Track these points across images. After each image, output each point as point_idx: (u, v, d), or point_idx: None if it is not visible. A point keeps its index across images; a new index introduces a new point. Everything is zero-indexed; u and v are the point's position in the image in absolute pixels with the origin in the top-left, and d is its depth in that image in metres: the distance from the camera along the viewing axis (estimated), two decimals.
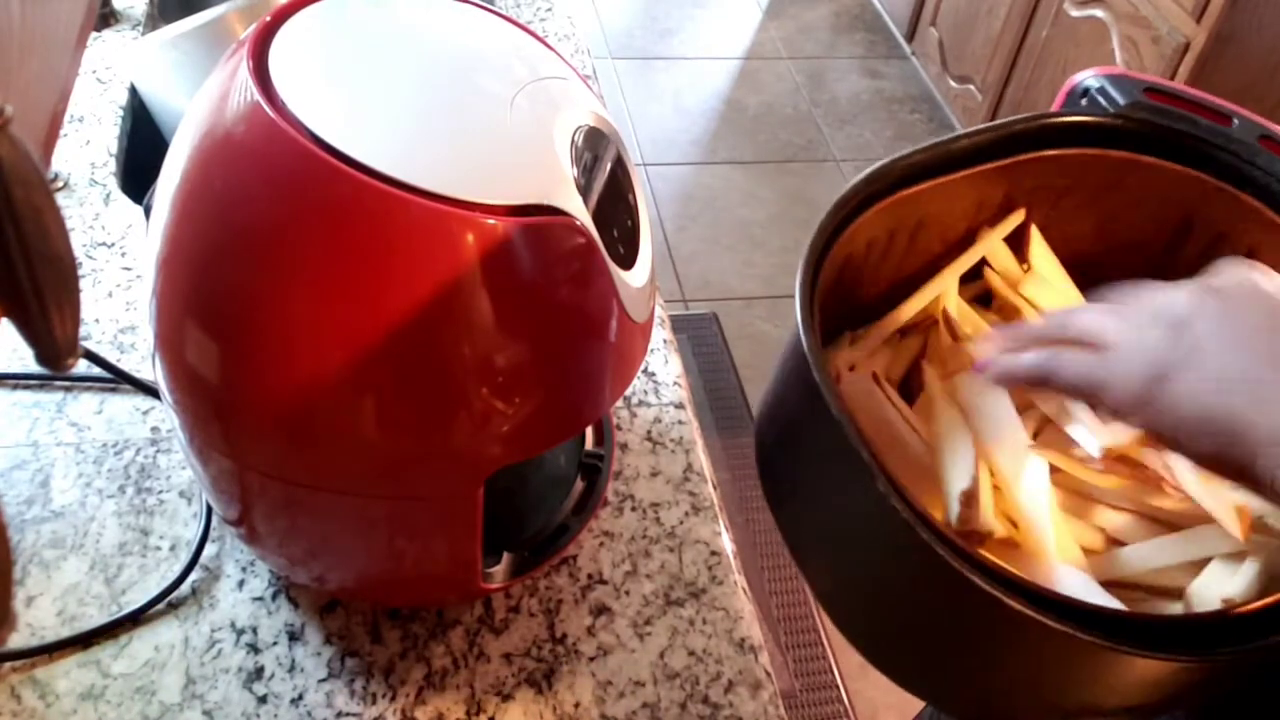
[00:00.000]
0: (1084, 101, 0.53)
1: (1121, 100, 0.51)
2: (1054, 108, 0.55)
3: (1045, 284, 0.55)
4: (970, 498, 0.46)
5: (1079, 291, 0.54)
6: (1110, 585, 0.45)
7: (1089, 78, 0.53)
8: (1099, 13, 2.11)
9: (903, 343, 0.58)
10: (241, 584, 0.67)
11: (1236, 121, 0.49)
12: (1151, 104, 0.50)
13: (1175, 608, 0.45)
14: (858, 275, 0.56)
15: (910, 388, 0.58)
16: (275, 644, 0.64)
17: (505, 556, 0.66)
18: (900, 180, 0.54)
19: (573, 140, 0.52)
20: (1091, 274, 0.53)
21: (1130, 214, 0.52)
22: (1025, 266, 0.56)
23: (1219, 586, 0.43)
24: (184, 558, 0.67)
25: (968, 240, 0.56)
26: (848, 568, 0.51)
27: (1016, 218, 0.55)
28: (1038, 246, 0.55)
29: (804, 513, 0.52)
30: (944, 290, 0.56)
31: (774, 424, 0.53)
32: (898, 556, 0.43)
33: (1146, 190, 0.51)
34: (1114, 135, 0.51)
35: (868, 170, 0.53)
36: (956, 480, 0.48)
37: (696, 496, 0.76)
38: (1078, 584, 0.44)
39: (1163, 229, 0.52)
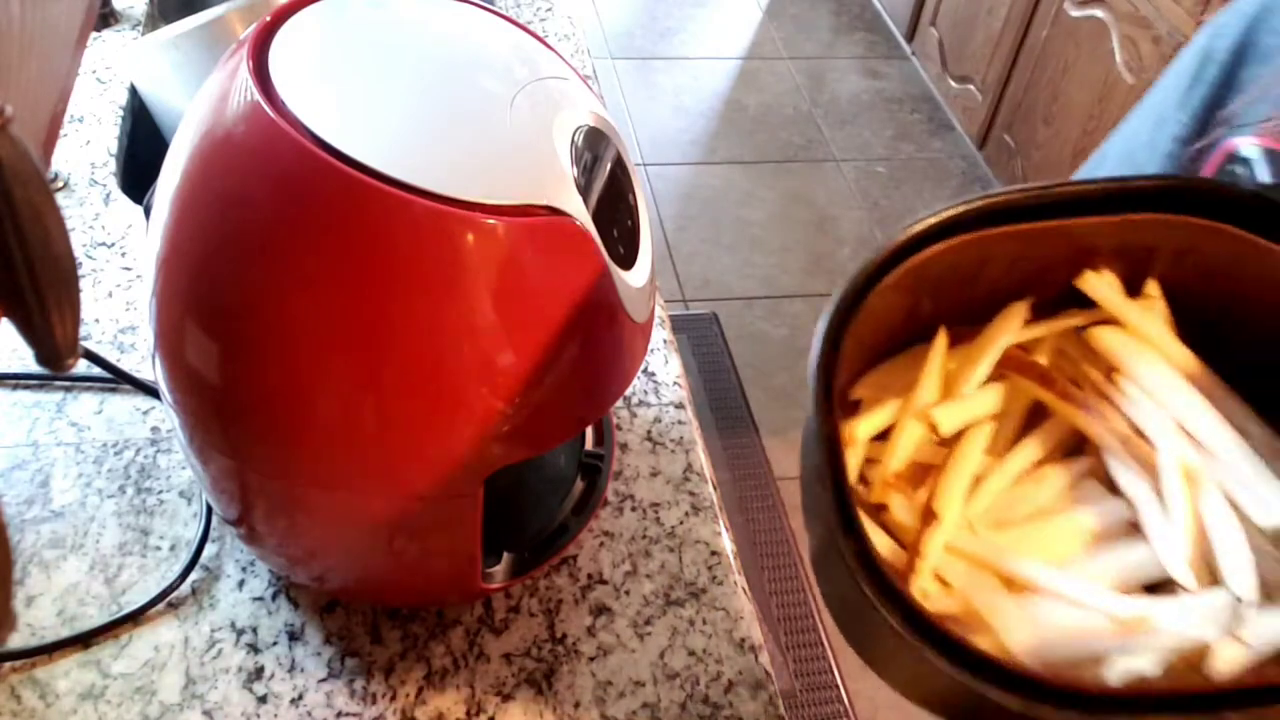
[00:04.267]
0: (1238, 169, 0.50)
1: (1267, 177, 0.49)
2: (1207, 171, 0.52)
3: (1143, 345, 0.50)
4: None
5: (1191, 355, 0.50)
6: None
7: (1247, 144, 0.50)
8: (1099, 13, 2.11)
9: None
10: (241, 584, 0.67)
11: None
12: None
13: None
14: (930, 290, 0.52)
15: None
16: (275, 644, 0.64)
17: (505, 556, 0.66)
18: (993, 216, 0.50)
19: (573, 140, 0.52)
20: (1211, 346, 0.51)
21: (1249, 291, 0.48)
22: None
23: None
24: (184, 558, 0.67)
25: (1055, 280, 0.52)
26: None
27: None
28: (1148, 305, 0.51)
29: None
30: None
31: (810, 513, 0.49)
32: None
33: (1264, 271, 0.48)
34: (1241, 210, 0.48)
35: (953, 205, 0.50)
36: None
37: (696, 496, 0.76)
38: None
39: None
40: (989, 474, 0.49)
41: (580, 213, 0.50)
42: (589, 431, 0.76)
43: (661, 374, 0.84)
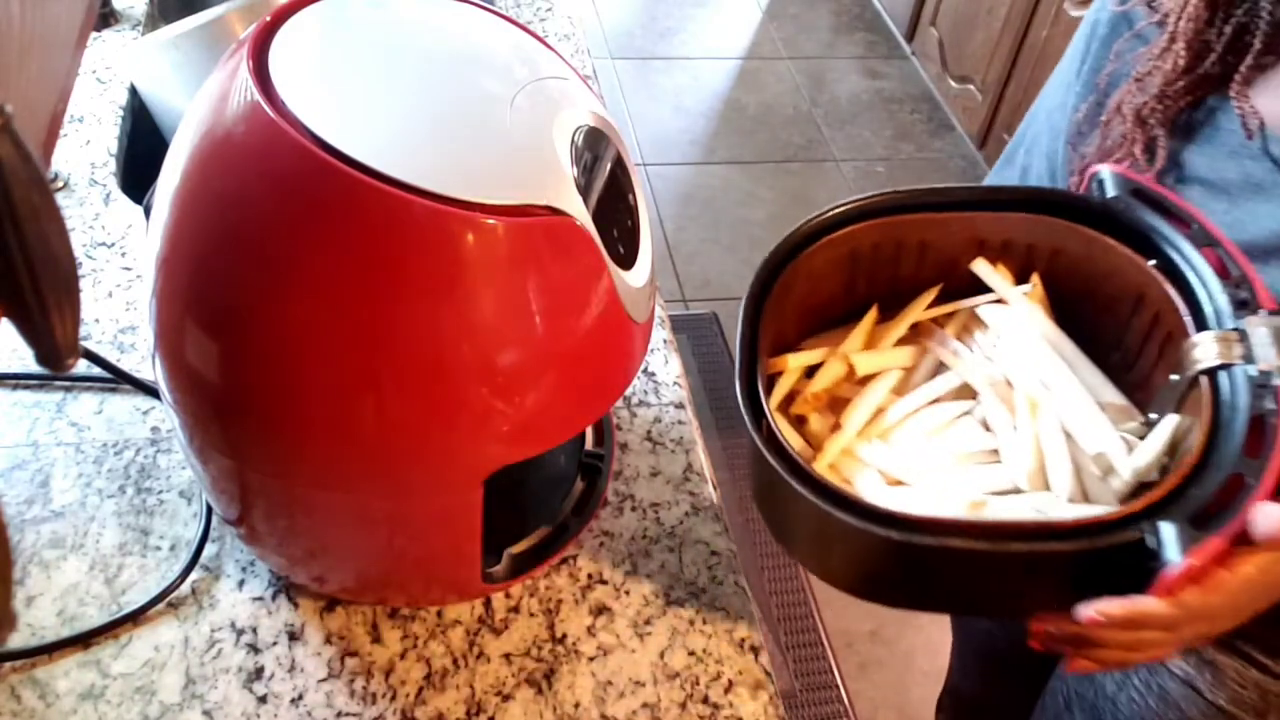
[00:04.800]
0: (1095, 188, 0.64)
1: (1113, 192, 0.62)
2: (1084, 186, 0.65)
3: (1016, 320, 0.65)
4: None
5: (1054, 327, 0.64)
6: None
7: (1104, 169, 0.63)
8: None
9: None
10: (241, 584, 0.67)
11: (1194, 228, 0.58)
12: (1131, 200, 0.61)
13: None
14: (865, 269, 0.67)
15: None
16: (275, 644, 0.64)
17: (505, 556, 0.66)
18: (899, 207, 0.65)
19: (573, 140, 0.52)
20: (1079, 324, 0.64)
21: (1103, 281, 0.63)
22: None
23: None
24: (184, 558, 0.67)
25: (965, 271, 0.67)
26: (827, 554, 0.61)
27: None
28: (1028, 290, 0.65)
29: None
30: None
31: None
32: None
33: (1110, 264, 0.62)
34: (1091, 215, 0.63)
35: (866, 195, 0.64)
36: None
37: (696, 496, 0.76)
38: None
39: (1125, 297, 0.62)
40: (890, 406, 0.63)
41: (580, 213, 0.50)
42: (589, 431, 0.76)
43: (661, 374, 0.84)
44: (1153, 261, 0.59)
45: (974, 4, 2.58)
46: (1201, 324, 0.55)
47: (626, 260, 0.56)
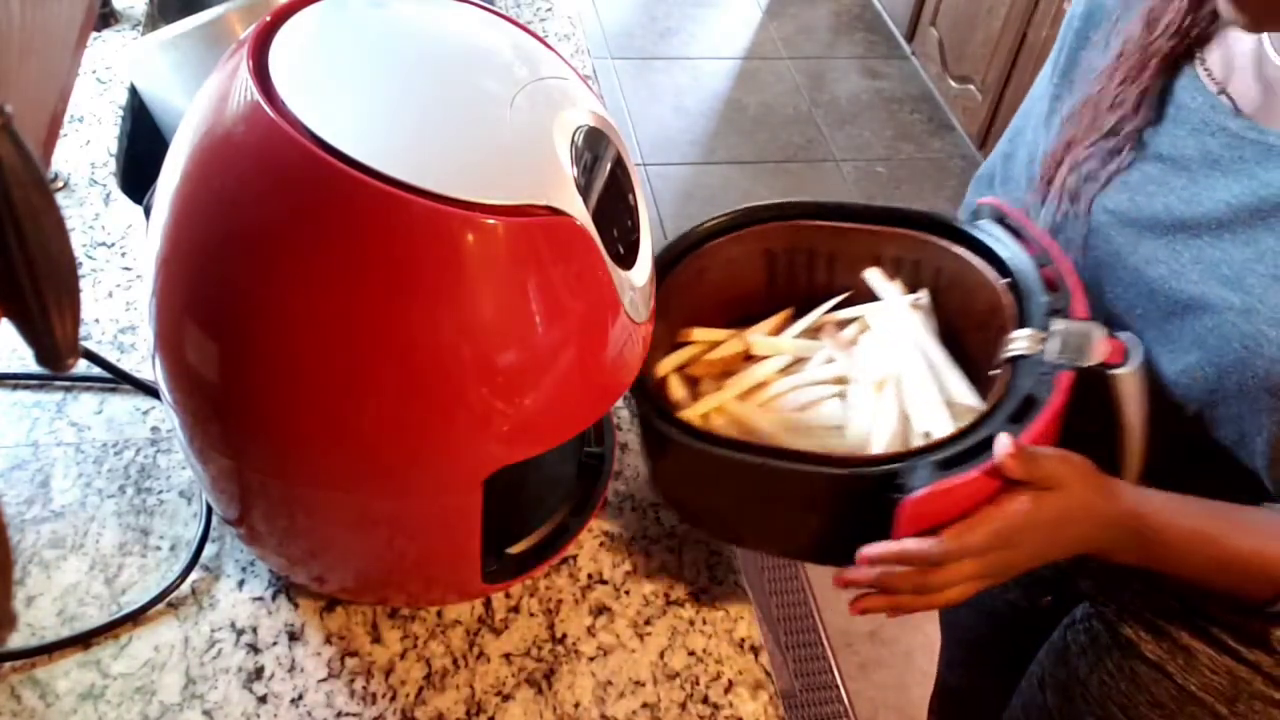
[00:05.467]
0: (972, 215, 0.73)
1: (984, 219, 0.71)
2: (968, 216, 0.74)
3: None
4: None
5: (924, 329, 0.71)
6: None
7: (988, 202, 0.72)
8: None
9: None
10: (241, 584, 0.67)
11: (1039, 250, 0.67)
12: (992, 224, 0.70)
13: None
14: (784, 271, 0.77)
15: None
16: (275, 644, 0.64)
17: (505, 556, 0.66)
18: (800, 214, 0.74)
19: (573, 140, 0.52)
20: (961, 343, 0.71)
21: (971, 297, 0.70)
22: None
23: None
24: (184, 558, 0.67)
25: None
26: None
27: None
28: (912, 299, 0.73)
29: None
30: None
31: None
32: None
33: (975, 281, 0.70)
34: (958, 236, 0.71)
35: (774, 201, 0.74)
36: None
37: None
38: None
39: (985, 310, 0.69)
40: (773, 382, 0.71)
41: (580, 213, 0.50)
42: (589, 431, 0.76)
43: None
44: (1006, 280, 0.67)
45: (974, 4, 2.58)
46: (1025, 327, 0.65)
47: (626, 260, 0.56)
